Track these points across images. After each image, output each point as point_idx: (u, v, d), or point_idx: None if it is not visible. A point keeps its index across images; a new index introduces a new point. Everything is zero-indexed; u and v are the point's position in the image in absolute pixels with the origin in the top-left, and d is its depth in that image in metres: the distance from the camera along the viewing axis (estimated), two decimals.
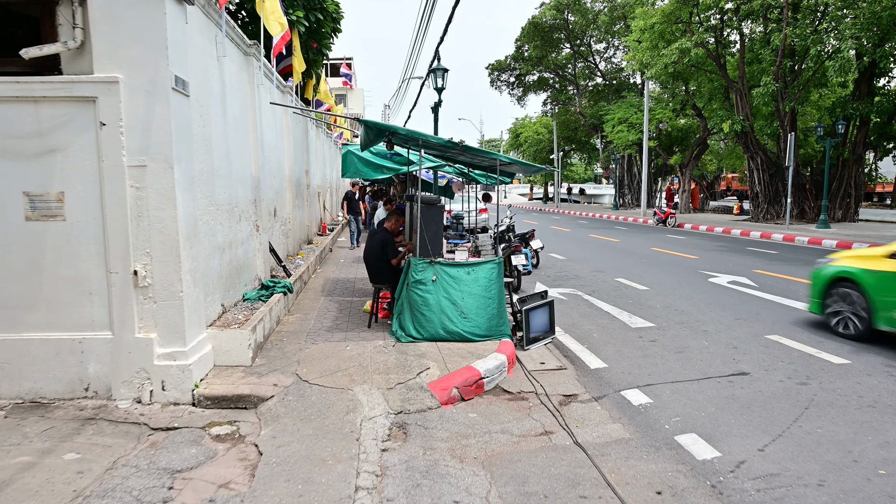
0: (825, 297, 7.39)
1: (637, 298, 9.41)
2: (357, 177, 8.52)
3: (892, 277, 6.51)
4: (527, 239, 13.21)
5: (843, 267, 7.22)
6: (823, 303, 7.42)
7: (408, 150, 8.20)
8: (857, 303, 6.91)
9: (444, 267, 6.52)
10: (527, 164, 6.68)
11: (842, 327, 7.07)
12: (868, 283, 6.76)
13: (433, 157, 8.60)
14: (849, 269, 7.12)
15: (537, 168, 6.87)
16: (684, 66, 24.46)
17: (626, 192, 39.30)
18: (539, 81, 43.14)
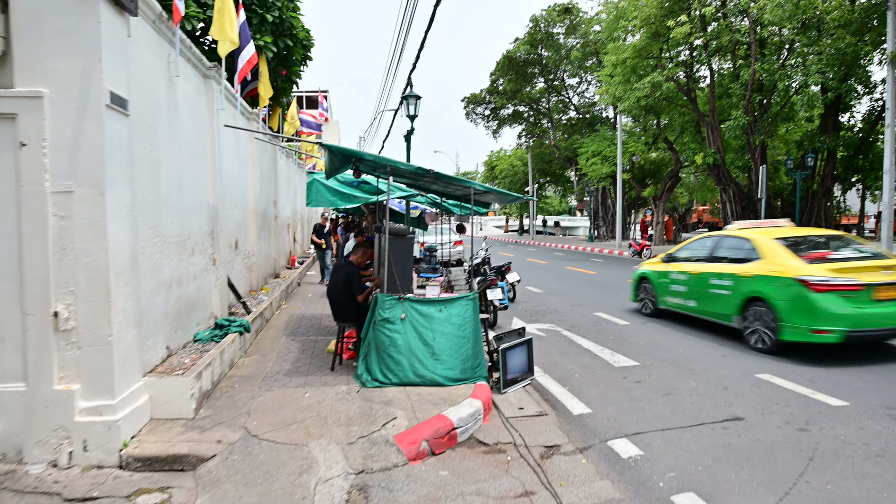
0: (637, 290, 10.97)
1: (619, 334, 8.98)
2: (323, 206, 8.02)
3: (662, 273, 10.20)
4: (503, 272, 12.80)
5: (643, 270, 10.95)
6: (637, 294, 11.00)
7: (377, 178, 7.75)
8: (649, 292, 10.49)
9: (415, 304, 6.01)
10: (502, 193, 6.29)
11: (644, 310, 10.65)
12: (652, 278, 10.48)
13: (404, 185, 8.16)
14: (644, 271, 10.86)
15: (513, 197, 6.47)
16: (656, 99, 24.75)
17: (601, 224, 39.45)
18: (514, 115, 43.53)
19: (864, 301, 6.98)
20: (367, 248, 6.78)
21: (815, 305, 7.04)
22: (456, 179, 6.06)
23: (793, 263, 7.54)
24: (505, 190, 6.39)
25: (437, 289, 6.18)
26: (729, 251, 8.89)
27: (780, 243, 8.03)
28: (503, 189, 45.17)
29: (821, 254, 7.82)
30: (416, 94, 11.46)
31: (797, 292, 7.23)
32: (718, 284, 8.62)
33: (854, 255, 7.85)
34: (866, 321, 6.92)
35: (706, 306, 8.95)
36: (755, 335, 7.85)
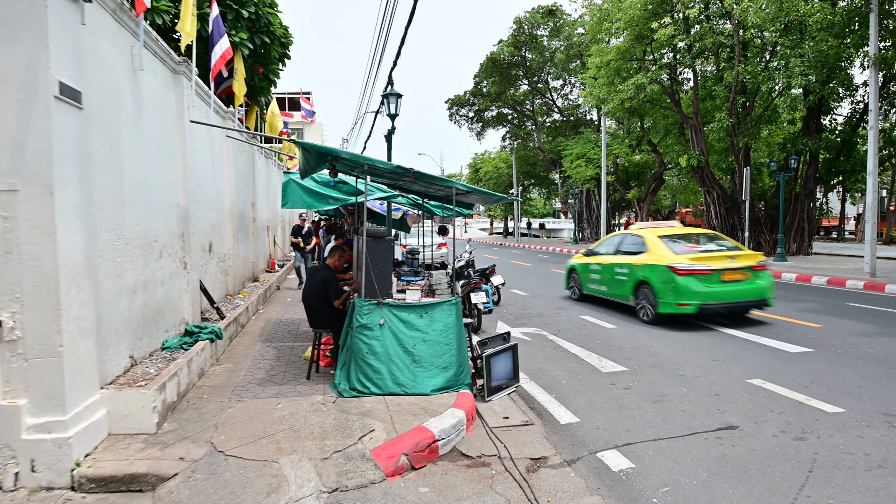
0: (568, 280, 13.18)
1: (605, 338, 8.76)
2: (299, 207, 7.70)
3: (584, 265, 12.31)
4: (487, 275, 12.54)
5: (572, 263, 13.07)
6: (568, 283, 13.19)
7: (356, 178, 7.46)
8: (577, 280, 12.77)
9: (394, 309, 5.72)
10: (485, 193, 6.03)
11: (573, 295, 12.85)
12: (578, 269, 12.64)
13: (384, 186, 7.87)
14: (573, 263, 12.99)
15: (497, 197, 6.21)
16: (640, 101, 24.73)
17: (586, 227, 39.44)
18: (498, 117, 43.42)
19: (714, 282, 9.21)
20: (345, 251, 6.48)
21: (679, 286, 9.19)
22: (437, 179, 5.79)
23: (667, 255, 9.65)
24: (488, 191, 6.11)
25: (418, 293, 5.90)
26: (628, 246, 10.89)
27: (662, 239, 10.11)
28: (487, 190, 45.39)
29: (689, 247, 9.96)
30: (397, 93, 11.15)
31: (668, 276, 9.36)
32: (620, 272, 10.76)
33: (713, 247, 10.07)
34: (714, 297, 9.14)
35: (613, 290, 11.10)
36: (643, 310, 9.97)
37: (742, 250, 9.88)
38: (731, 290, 9.20)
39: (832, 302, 11.86)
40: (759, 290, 9.41)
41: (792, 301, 11.97)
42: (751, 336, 8.59)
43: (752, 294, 9.32)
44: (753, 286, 9.36)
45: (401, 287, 6.38)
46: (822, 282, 15.34)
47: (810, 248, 23.41)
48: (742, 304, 9.34)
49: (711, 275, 9.16)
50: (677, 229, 10.92)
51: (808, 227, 23.19)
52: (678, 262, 9.30)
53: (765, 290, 9.47)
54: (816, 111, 22.25)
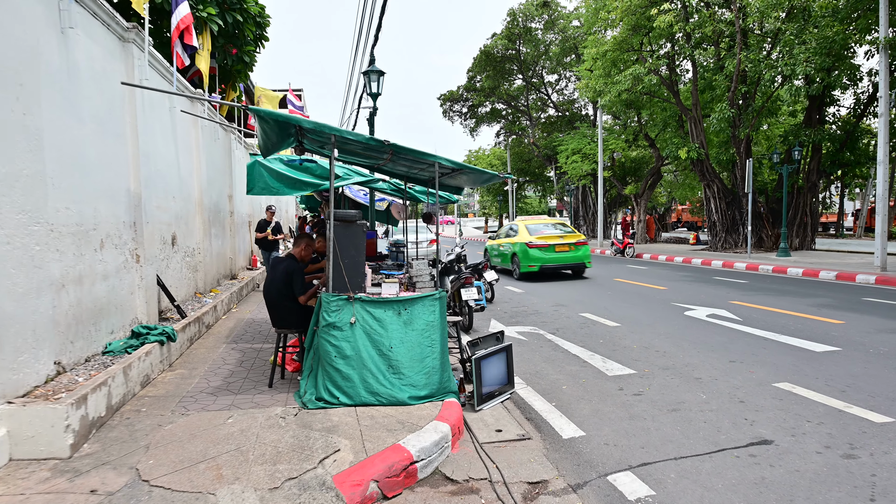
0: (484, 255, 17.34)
1: (609, 337, 7.98)
2: (266, 193, 6.87)
3: (491, 247, 17.48)
4: (479, 270, 11.75)
5: (486, 245, 18.23)
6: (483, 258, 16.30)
7: (329, 158, 6.65)
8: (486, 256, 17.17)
9: (367, 305, 4.91)
10: (474, 170, 5.23)
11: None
12: (488, 249, 17.87)
13: (363, 167, 7.04)
14: (486, 245, 18.24)
15: (488, 176, 5.40)
16: (637, 93, 23.98)
17: (582, 224, 38.68)
18: (492, 112, 42.62)
19: (550, 252, 15.00)
20: (313, 240, 5.66)
21: (529, 255, 15.06)
22: (419, 154, 4.97)
23: (525, 236, 15.47)
24: (478, 167, 5.24)
25: (396, 286, 5.09)
26: (510, 232, 16.60)
27: (527, 227, 16.01)
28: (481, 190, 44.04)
29: (540, 231, 15.76)
30: (378, 69, 10.29)
31: (524, 249, 15.15)
32: (504, 249, 16.60)
33: (554, 231, 15.80)
34: (550, 261, 15.00)
35: (502, 262, 16.80)
36: (515, 273, 15.57)
37: (573, 232, 15.89)
38: (560, 256, 15.11)
39: (847, 297, 11.11)
40: (580, 257, 15.28)
41: (804, 296, 11.22)
42: (768, 334, 7.82)
43: (574, 259, 15.22)
44: (576, 254, 15.24)
45: (377, 280, 5.57)
46: (831, 276, 14.61)
47: (813, 243, 22.71)
48: (568, 265, 15.32)
49: (548, 248, 15.08)
50: (539, 220, 17.23)
51: (811, 221, 22.49)
52: (530, 240, 15.26)
53: (583, 257, 15.32)
54: (819, 102, 21.55)
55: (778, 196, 22.44)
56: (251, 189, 6.81)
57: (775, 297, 11.08)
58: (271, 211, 12.22)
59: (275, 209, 12.46)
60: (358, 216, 4.94)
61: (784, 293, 11.71)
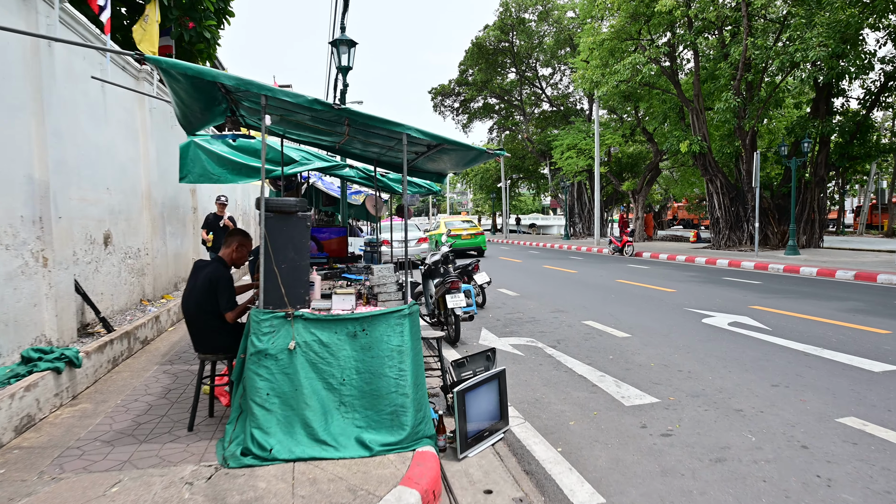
0: None
1: (619, 352, 6.78)
2: (204, 181, 5.61)
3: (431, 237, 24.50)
4: (469, 272, 10.53)
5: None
6: None
7: (281, 137, 5.42)
8: None
9: (312, 325, 3.67)
10: (457, 146, 3.96)
11: None
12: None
13: (324, 149, 5.79)
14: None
15: (474, 154, 4.12)
16: (636, 84, 22.83)
17: (577, 221, 37.57)
18: (485, 107, 41.41)
19: (458, 238, 22.37)
20: (248, 239, 4.41)
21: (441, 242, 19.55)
22: (382, 123, 3.73)
23: (444, 229, 23.11)
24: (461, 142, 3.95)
25: (352, 300, 3.86)
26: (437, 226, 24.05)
27: (445, 222, 24.43)
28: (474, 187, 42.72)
29: (454, 225, 23.69)
30: (349, 39, 8.98)
31: (440, 238, 22.46)
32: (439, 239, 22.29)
33: (464, 225, 23.81)
34: (459, 245, 22.02)
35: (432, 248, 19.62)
36: None
37: (475, 226, 23.73)
38: (465, 242, 22.47)
39: (877, 300, 9.97)
40: (477, 243, 22.93)
41: (829, 299, 10.07)
42: (808, 347, 6.64)
43: (474, 244, 22.86)
44: (475, 241, 22.89)
45: (329, 290, 4.33)
46: (849, 276, 13.50)
47: (821, 240, 21.64)
48: (470, 248, 22.81)
49: (456, 236, 22.31)
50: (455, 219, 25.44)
51: (819, 217, 21.42)
52: (446, 231, 22.53)
53: (480, 242, 23.09)
54: (826, 92, 20.47)
55: (783, 191, 21.36)
56: (185, 176, 5.54)
57: (798, 301, 9.92)
58: (222, 202, 9.40)
59: (226, 200, 9.66)
60: (300, 205, 3.70)
61: (805, 296, 10.56)
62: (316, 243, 7.32)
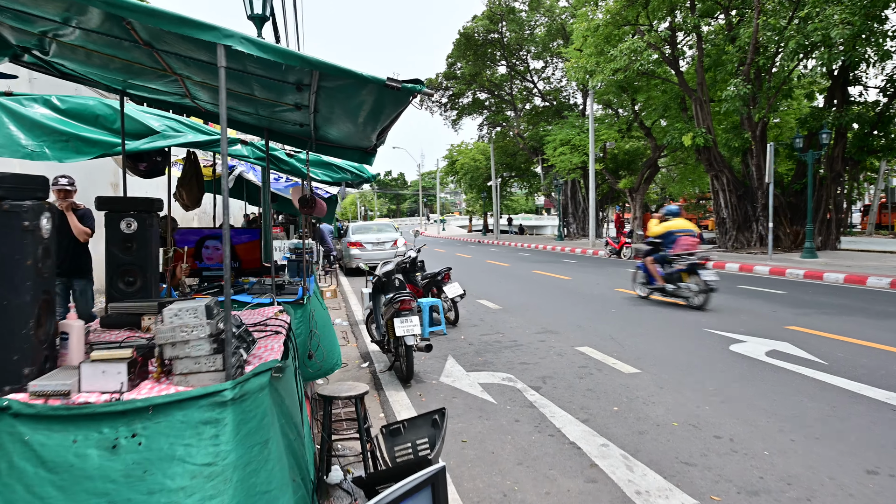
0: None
1: (627, 399, 4.92)
2: (7, 155, 3.72)
3: None
4: (438, 282, 8.73)
5: None
6: None
7: (120, 95, 3.57)
8: None
9: (28, 426, 1.80)
10: (339, 73, 2.16)
11: None
12: None
13: (169, 103, 3.84)
14: None
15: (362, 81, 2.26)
16: (634, 73, 21.03)
17: (571, 221, 35.78)
18: (474, 103, 39.53)
19: None
20: None
21: None
22: (172, 23, 1.86)
23: None
24: (334, 66, 2.23)
25: (120, 370, 1.95)
26: None
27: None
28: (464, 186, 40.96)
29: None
30: None
31: None
32: None
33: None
34: None
35: None
36: None
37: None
38: None
39: None
40: None
41: (878, 316, 8.25)
42: (887, 395, 4.80)
43: None
44: None
45: (107, 340, 2.43)
46: (884, 284, 11.71)
47: (838, 241, 19.88)
48: None
49: None
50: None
51: (836, 216, 19.66)
52: None
53: None
54: (842, 81, 18.74)
55: (795, 188, 19.61)
56: None
57: (841, 319, 8.10)
58: (62, 186, 5.17)
59: (71, 183, 5.26)
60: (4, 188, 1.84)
61: (846, 310, 8.74)
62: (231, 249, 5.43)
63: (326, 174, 5.33)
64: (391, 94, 2.23)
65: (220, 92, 1.89)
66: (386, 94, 2.25)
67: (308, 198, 3.94)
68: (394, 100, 2.30)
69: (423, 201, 79.69)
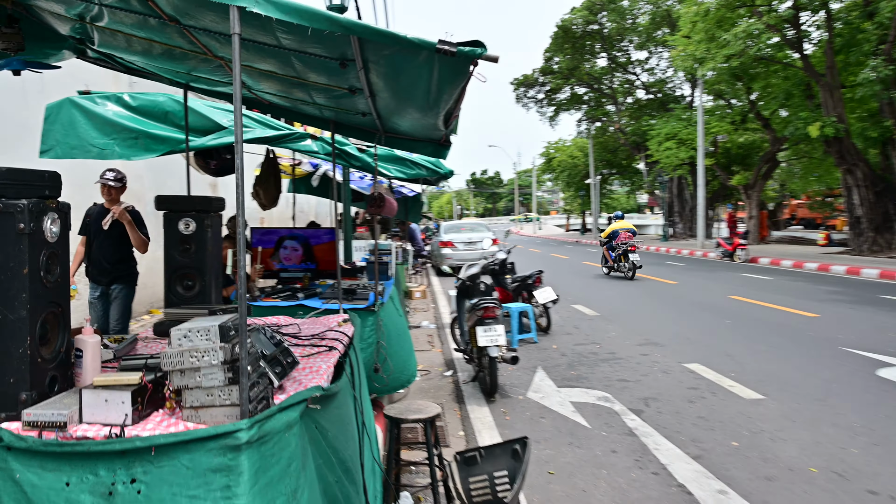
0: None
1: (749, 431, 4.15)
2: (80, 156, 3.68)
3: None
4: (529, 286, 8.18)
5: None
6: None
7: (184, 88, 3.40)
8: None
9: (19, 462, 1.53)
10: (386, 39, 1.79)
11: None
12: None
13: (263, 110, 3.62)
14: None
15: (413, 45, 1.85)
16: (750, 58, 19.20)
17: (677, 221, 33.56)
18: (572, 98, 38.19)
19: None
20: None
21: None
22: None
23: None
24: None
25: (124, 399, 1.65)
26: None
27: None
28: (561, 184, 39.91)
29: None
30: None
31: None
32: None
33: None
34: None
35: None
36: None
37: None
38: None
39: None
40: None
41: None
42: None
43: None
44: None
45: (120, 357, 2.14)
46: None
47: None
48: None
49: None
50: None
51: None
52: None
53: None
54: None
55: None
56: (49, 149, 3.64)
57: None
58: (107, 180, 4.39)
59: (116, 179, 4.45)
60: None
61: None
62: (305, 250, 5.29)
63: (400, 170, 4.99)
64: (447, 65, 1.78)
65: (233, 65, 1.53)
66: (441, 65, 1.80)
67: (375, 196, 3.59)
68: (451, 70, 1.84)
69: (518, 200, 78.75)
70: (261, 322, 3.28)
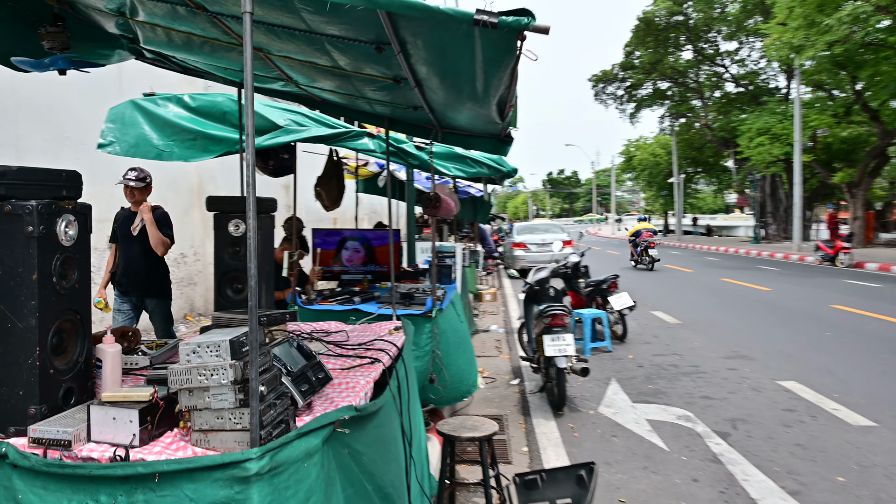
0: None
1: (860, 468, 3.60)
2: (138, 155, 3.69)
3: None
4: (604, 291, 7.72)
5: None
6: None
7: (238, 87, 3.35)
8: None
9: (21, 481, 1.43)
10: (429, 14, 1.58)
11: None
12: None
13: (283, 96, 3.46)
14: None
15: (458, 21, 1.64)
16: (856, 44, 17.53)
17: (770, 221, 31.32)
18: (654, 93, 36.56)
19: None
20: None
21: None
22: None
23: None
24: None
25: (132, 419, 1.51)
26: None
27: None
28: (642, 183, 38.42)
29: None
30: None
31: None
32: None
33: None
34: None
35: None
36: None
37: None
38: None
39: None
40: None
41: None
42: None
43: None
44: None
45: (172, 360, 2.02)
46: None
47: None
48: None
49: None
50: None
51: None
52: None
53: None
54: None
55: None
56: (108, 144, 3.66)
57: None
58: (128, 181, 4.03)
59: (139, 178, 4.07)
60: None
61: None
62: (367, 251, 5.18)
63: (460, 168, 4.77)
64: (490, 42, 1.52)
65: (244, 48, 1.35)
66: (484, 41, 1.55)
67: (431, 196, 3.39)
68: (495, 48, 1.58)
69: (596, 200, 76.68)
70: (308, 328, 3.15)
